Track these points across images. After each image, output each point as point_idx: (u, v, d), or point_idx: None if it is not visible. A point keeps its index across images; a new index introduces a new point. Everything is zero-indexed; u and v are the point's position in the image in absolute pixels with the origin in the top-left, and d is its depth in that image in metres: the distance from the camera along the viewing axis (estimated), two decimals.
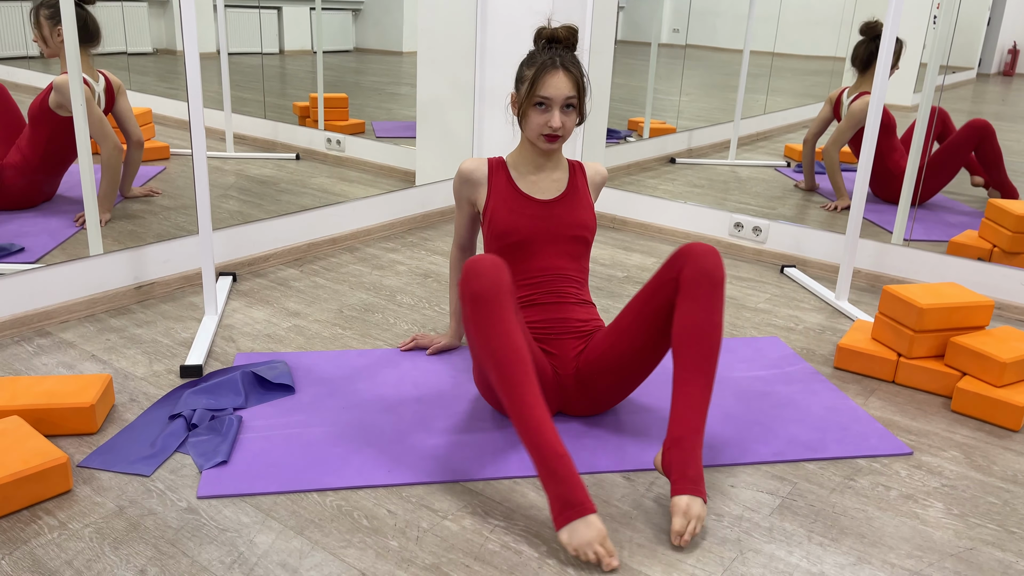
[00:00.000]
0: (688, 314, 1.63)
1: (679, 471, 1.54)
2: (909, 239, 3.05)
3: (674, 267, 1.68)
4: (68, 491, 1.60)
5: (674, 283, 1.67)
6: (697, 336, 1.62)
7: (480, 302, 1.54)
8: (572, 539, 1.43)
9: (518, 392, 1.50)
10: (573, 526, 1.44)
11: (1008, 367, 2.00)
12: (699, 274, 1.64)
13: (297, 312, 2.50)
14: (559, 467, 1.46)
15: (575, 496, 1.45)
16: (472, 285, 1.55)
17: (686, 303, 1.64)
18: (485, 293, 1.54)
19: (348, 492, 1.63)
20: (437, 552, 1.47)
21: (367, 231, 3.24)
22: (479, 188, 1.97)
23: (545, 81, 1.80)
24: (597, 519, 1.45)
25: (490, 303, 1.54)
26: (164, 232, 2.91)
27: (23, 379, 1.86)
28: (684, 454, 1.55)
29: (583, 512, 1.44)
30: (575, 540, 1.43)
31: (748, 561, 1.48)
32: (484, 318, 1.54)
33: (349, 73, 4.72)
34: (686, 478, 1.53)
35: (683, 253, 1.68)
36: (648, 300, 1.73)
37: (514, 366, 1.51)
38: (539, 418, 1.48)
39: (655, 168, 4.16)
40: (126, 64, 3.85)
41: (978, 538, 1.58)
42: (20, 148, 2.99)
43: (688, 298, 1.64)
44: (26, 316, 2.28)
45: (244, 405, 1.92)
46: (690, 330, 1.62)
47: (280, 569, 1.41)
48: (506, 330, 1.53)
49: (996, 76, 3.85)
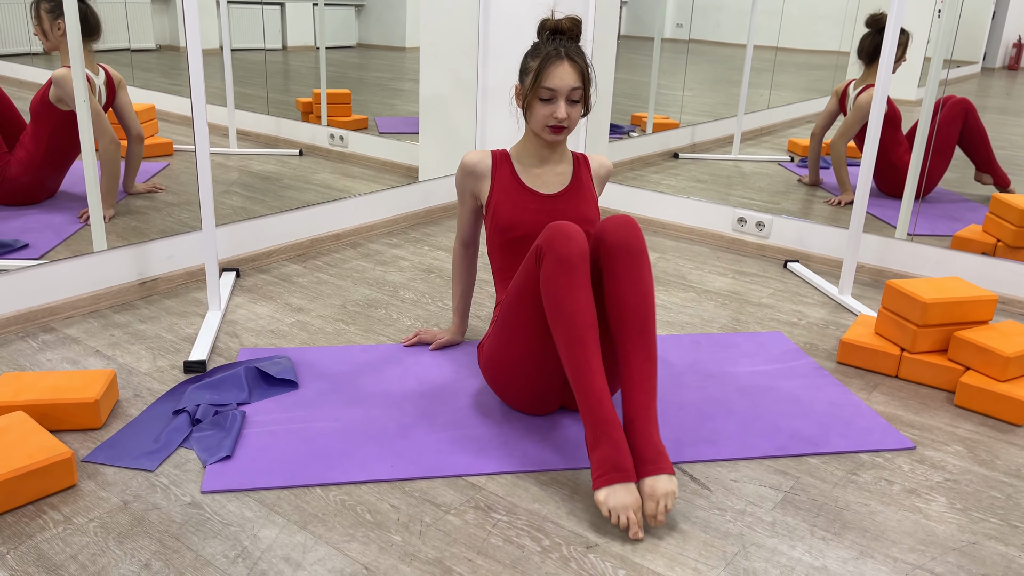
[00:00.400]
0: (615, 291, 1.62)
1: (638, 455, 1.54)
2: (913, 234, 3.05)
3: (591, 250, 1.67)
4: (73, 486, 1.60)
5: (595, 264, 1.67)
6: (629, 310, 1.61)
7: (565, 265, 1.57)
8: (609, 499, 1.48)
9: (583, 357, 1.55)
10: (614, 488, 1.48)
11: (1012, 361, 1.99)
12: (617, 249, 1.62)
13: (300, 308, 2.50)
14: (614, 432, 1.51)
15: (623, 462, 1.50)
16: (560, 248, 1.58)
17: (611, 280, 1.63)
18: (572, 258, 1.57)
19: (351, 487, 1.64)
20: (440, 546, 1.48)
21: (370, 227, 3.24)
22: (482, 181, 1.96)
23: (550, 72, 1.79)
24: (636, 489, 1.50)
25: (575, 268, 1.57)
26: (168, 228, 2.92)
27: (28, 375, 1.87)
28: (638, 437, 1.55)
29: (627, 478, 1.49)
30: (612, 501, 1.48)
31: (750, 555, 1.48)
32: (566, 281, 1.57)
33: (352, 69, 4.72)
34: (645, 460, 1.53)
35: (596, 232, 1.66)
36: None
37: (584, 330, 1.56)
38: (599, 386, 1.54)
39: (658, 163, 4.15)
40: (129, 60, 3.85)
41: (981, 532, 1.58)
42: (23, 144, 2.99)
43: (611, 275, 1.63)
44: (31, 312, 2.29)
45: (248, 400, 1.93)
46: (621, 306, 1.61)
47: (284, 563, 1.42)
48: (583, 296, 1.57)
49: (1001, 70, 3.83)
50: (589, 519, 1.56)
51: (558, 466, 1.72)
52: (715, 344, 2.34)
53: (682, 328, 2.46)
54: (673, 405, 1.99)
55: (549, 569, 1.43)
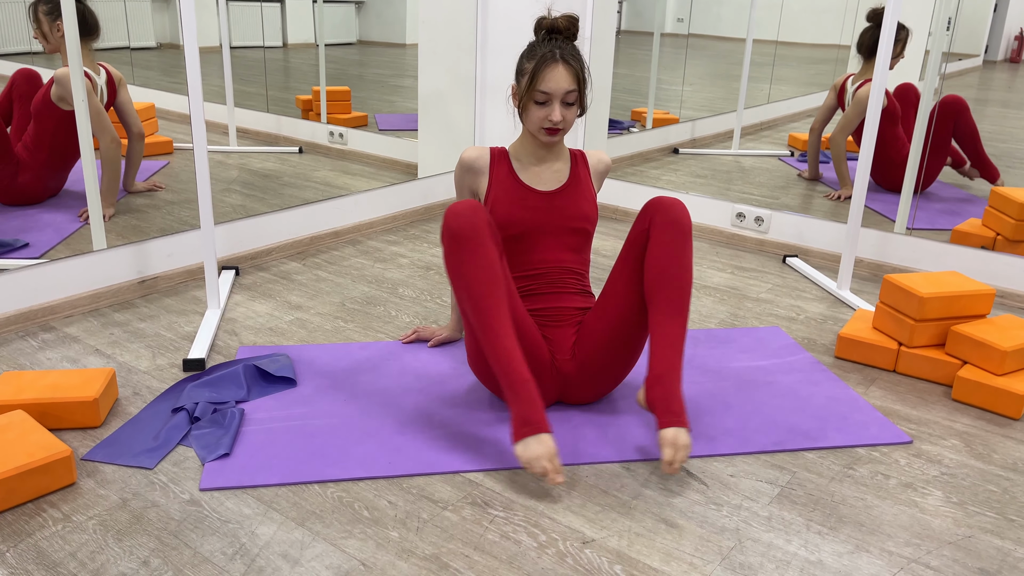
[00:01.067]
0: (659, 258, 1.71)
1: (663, 407, 1.64)
2: (912, 228, 3.05)
3: (644, 221, 1.77)
4: (72, 484, 1.61)
5: (644, 235, 1.76)
6: (669, 277, 1.70)
7: (456, 239, 1.65)
8: (525, 452, 1.58)
9: (490, 322, 1.63)
10: (527, 441, 1.58)
11: (1009, 355, 1.99)
12: (668, 222, 1.72)
13: (299, 305, 2.51)
14: (522, 390, 1.60)
15: (534, 416, 1.59)
16: (450, 223, 1.65)
17: (656, 248, 1.72)
18: (461, 231, 1.64)
19: (349, 483, 1.65)
20: (437, 542, 1.48)
21: (369, 224, 3.25)
22: (481, 177, 1.96)
23: (545, 75, 1.79)
24: (550, 438, 1.58)
25: (467, 240, 1.64)
26: (168, 226, 2.93)
27: (28, 374, 1.88)
28: (666, 390, 1.65)
29: (538, 430, 1.58)
30: (527, 453, 1.57)
31: (746, 550, 1.49)
32: (460, 255, 1.65)
33: (352, 66, 4.72)
34: (671, 412, 1.64)
35: (651, 207, 1.76)
36: (625, 260, 1.80)
37: (485, 297, 1.63)
38: (509, 346, 1.62)
39: (658, 159, 4.15)
40: (129, 59, 3.86)
41: (977, 526, 1.58)
42: (26, 144, 3.00)
43: (658, 243, 1.72)
44: (31, 311, 2.30)
45: (246, 398, 1.93)
46: (663, 272, 1.70)
47: (281, 560, 1.43)
48: (480, 264, 1.64)
49: (1003, 63, 3.82)
50: (586, 514, 1.57)
51: None
52: (713, 339, 2.35)
53: None
54: None
55: (546, 564, 1.44)
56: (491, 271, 1.64)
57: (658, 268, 1.71)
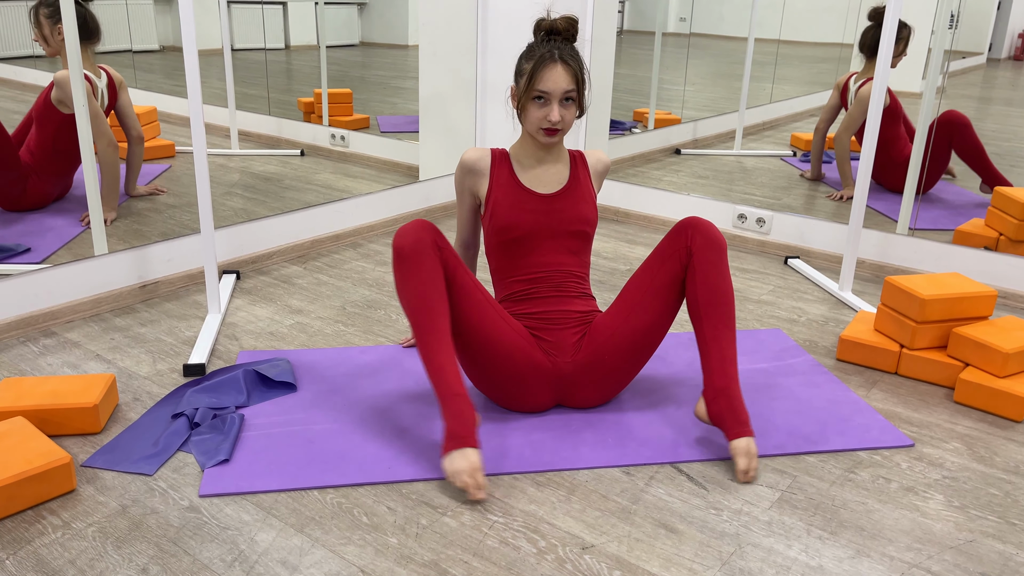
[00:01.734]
0: (708, 277, 1.78)
1: (732, 417, 1.72)
2: (914, 228, 3.03)
3: (681, 239, 1.82)
4: (72, 491, 1.62)
5: (685, 253, 1.81)
6: (719, 296, 1.78)
7: (399, 258, 1.70)
8: (450, 465, 1.61)
9: (426, 338, 1.67)
10: (452, 455, 1.61)
11: (1011, 357, 1.98)
12: (709, 242, 1.79)
13: (300, 309, 2.51)
14: (454, 404, 1.64)
15: (462, 431, 1.62)
16: (395, 244, 1.71)
17: (703, 267, 1.78)
18: (402, 249, 1.70)
19: (348, 489, 1.64)
20: (436, 548, 1.48)
21: (370, 227, 3.25)
22: (482, 179, 1.95)
23: (543, 75, 1.79)
24: (474, 453, 1.61)
25: (407, 259, 1.69)
26: (169, 231, 2.93)
27: (28, 380, 1.88)
28: (731, 401, 1.73)
29: (463, 444, 1.61)
30: (451, 467, 1.60)
31: (746, 555, 1.48)
32: (401, 273, 1.70)
33: (354, 67, 4.73)
34: (739, 423, 1.72)
35: (688, 226, 1.82)
36: (656, 274, 1.85)
37: (425, 314, 1.68)
38: (443, 362, 1.66)
39: (660, 159, 4.14)
40: (131, 62, 3.86)
41: (978, 530, 1.57)
42: (29, 149, 3.01)
43: (704, 263, 1.79)
44: (32, 316, 2.30)
45: (246, 403, 1.93)
46: (713, 291, 1.78)
47: (280, 567, 1.43)
48: (421, 281, 1.69)
49: (1007, 61, 3.81)
50: (585, 520, 1.57)
51: (555, 466, 1.73)
52: None
53: (681, 326, 2.46)
54: (671, 403, 1.99)
55: (545, 570, 1.43)
56: (429, 287, 1.69)
57: (708, 287, 1.78)
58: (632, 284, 1.89)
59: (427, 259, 1.70)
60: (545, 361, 1.85)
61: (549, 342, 1.88)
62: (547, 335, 1.88)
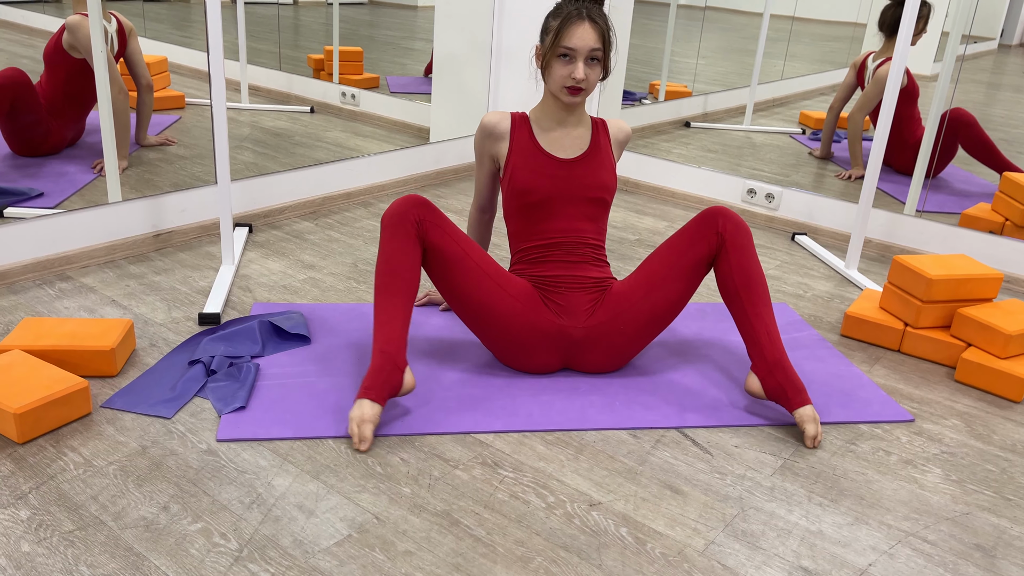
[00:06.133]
0: (741, 261, 1.87)
1: (791, 387, 1.79)
2: (922, 210, 3.06)
3: (711, 225, 1.89)
4: (88, 414, 1.68)
5: (717, 238, 1.88)
6: (755, 278, 1.86)
7: (384, 226, 1.80)
8: (351, 412, 1.67)
9: (379, 297, 1.76)
10: (360, 402, 1.67)
11: (1013, 339, 2.02)
12: (739, 229, 1.88)
13: (312, 264, 2.53)
14: (377, 359, 1.71)
15: (371, 383, 1.68)
16: (385, 213, 1.81)
17: (736, 252, 1.87)
18: (384, 221, 1.80)
19: None
20: (448, 499, 1.52)
21: (381, 187, 3.26)
22: (501, 143, 1.96)
23: (570, 31, 1.80)
24: (371, 406, 1.66)
25: (384, 230, 1.79)
26: (180, 182, 2.93)
27: (47, 321, 1.91)
28: (787, 372, 1.80)
29: (366, 396, 1.67)
30: (351, 412, 1.67)
31: (749, 518, 1.53)
32: (380, 242, 1.80)
33: (364, 26, 4.69)
34: (799, 391, 1.79)
35: (719, 214, 1.89)
36: (684, 253, 1.91)
37: (387, 277, 1.77)
38: (385, 319, 1.74)
39: (669, 131, 4.14)
40: (141, 11, 3.83)
41: (974, 503, 1.62)
42: (43, 93, 2.99)
43: (736, 247, 1.87)
44: (47, 260, 2.32)
45: (261, 353, 1.96)
46: (748, 274, 1.86)
47: (297, 511, 1.46)
48: (392, 250, 1.78)
49: (1018, 47, 3.81)
50: (593, 478, 1.61)
51: (563, 426, 1.76)
52: (720, 313, 2.37)
53: None
54: (678, 372, 2.03)
55: (553, 524, 1.47)
56: (398, 256, 1.77)
57: (743, 270, 1.86)
58: (656, 260, 1.93)
59: (400, 232, 1.78)
60: (553, 323, 1.88)
61: (560, 304, 1.90)
62: (558, 297, 1.90)
